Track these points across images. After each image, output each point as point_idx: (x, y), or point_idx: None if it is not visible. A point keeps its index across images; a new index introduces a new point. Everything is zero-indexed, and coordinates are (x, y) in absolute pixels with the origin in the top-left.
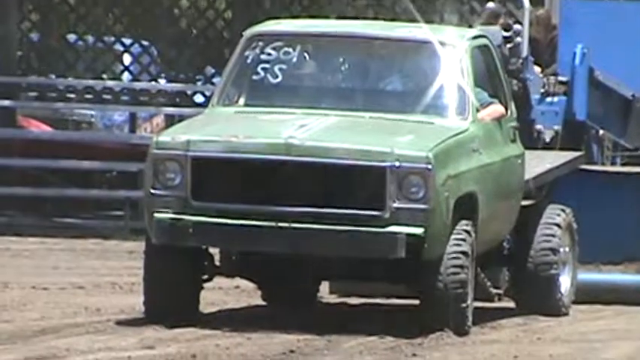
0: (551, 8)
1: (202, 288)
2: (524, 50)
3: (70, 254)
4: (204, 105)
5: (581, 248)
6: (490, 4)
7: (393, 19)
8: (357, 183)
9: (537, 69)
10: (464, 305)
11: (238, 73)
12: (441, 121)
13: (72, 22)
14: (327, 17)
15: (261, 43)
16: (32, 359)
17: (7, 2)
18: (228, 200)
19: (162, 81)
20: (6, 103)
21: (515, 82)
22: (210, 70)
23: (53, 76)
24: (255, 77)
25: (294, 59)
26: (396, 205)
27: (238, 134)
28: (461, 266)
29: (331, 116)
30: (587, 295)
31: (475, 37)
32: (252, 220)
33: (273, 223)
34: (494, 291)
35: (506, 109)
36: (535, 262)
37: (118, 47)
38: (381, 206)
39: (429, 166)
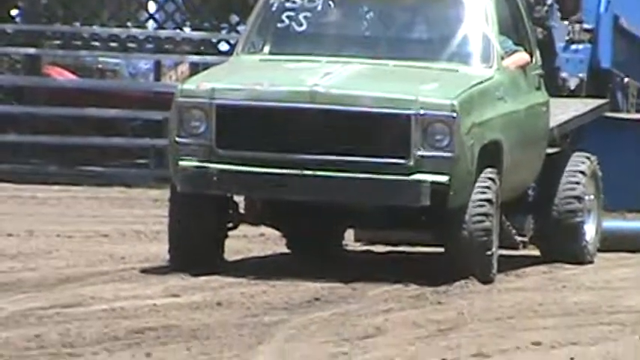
0: None
1: (227, 236)
2: None
3: (95, 202)
4: (228, 53)
5: (606, 196)
6: None
7: None
8: (382, 131)
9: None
10: (488, 253)
11: (263, 21)
12: (466, 68)
13: None
14: None
15: None
16: (57, 307)
17: None
18: (252, 148)
19: (187, 29)
20: (31, 51)
21: (539, 29)
22: (234, 18)
23: (78, 24)
24: (279, 25)
25: (319, 7)
26: (420, 152)
27: (263, 82)
28: (485, 214)
29: (355, 64)
30: (612, 243)
31: None
32: (277, 168)
33: (297, 171)
34: (519, 239)
35: (531, 57)
36: (560, 209)
37: None
38: (405, 154)
39: (454, 114)
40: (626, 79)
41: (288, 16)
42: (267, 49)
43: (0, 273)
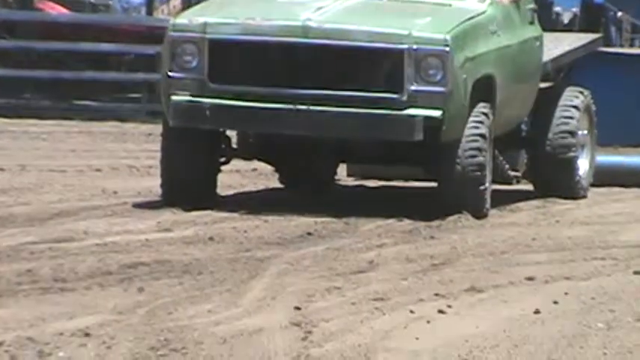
0: None
1: (219, 171)
2: None
3: (88, 137)
4: None
5: (600, 131)
6: None
7: None
8: (375, 66)
9: None
10: (482, 188)
11: None
12: (459, 3)
13: None
14: None
15: None
16: (50, 241)
17: None
18: (245, 83)
19: None
20: None
21: None
22: None
23: None
24: None
25: None
26: (413, 87)
27: (255, 16)
28: (479, 149)
29: None
30: (606, 177)
31: None
32: (270, 102)
33: (290, 106)
34: (513, 174)
35: None
36: (553, 144)
37: None
38: (398, 89)
39: (447, 49)
40: (619, 13)
41: None
42: None
43: None
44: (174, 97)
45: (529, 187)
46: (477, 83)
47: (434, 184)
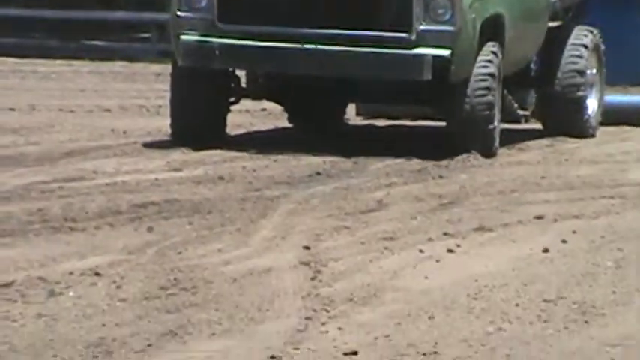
0: None
1: (229, 110)
2: None
3: (97, 76)
4: None
5: (608, 70)
6: None
7: None
8: (384, 5)
9: None
10: (491, 127)
11: None
12: None
13: None
14: None
15: None
16: (60, 181)
17: None
18: (254, 22)
19: None
20: None
21: None
22: None
23: None
24: None
25: None
26: (422, 27)
27: None
28: (488, 88)
29: None
30: (614, 116)
31: None
32: (278, 42)
33: (299, 45)
34: (522, 113)
35: None
36: (562, 83)
37: None
38: (407, 28)
39: None
40: None
41: None
42: None
43: (2, 147)
44: (183, 37)
45: (538, 126)
46: (486, 22)
47: (443, 124)
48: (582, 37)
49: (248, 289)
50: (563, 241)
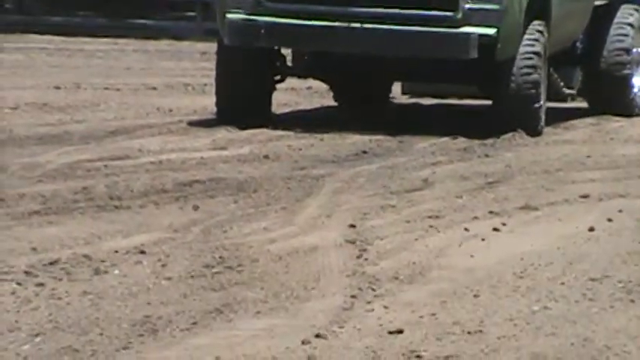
0: None
1: (274, 89)
2: None
3: (143, 55)
4: None
5: None
6: None
7: None
8: None
9: None
10: (537, 105)
11: None
12: None
13: None
14: None
15: None
16: (105, 160)
17: None
18: (300, 1)
19: None
20: None
21: None
22: None
23: None
24: None
25: None
26: (468, 5)
27: None
28: (534, 66)
29: None
30: None
31: None
32: (324, 20)
33: (345, 24)
34: (567, 91)
35: None
36: (608, 61)
37: None
38: (454, 7)
39: None
40: None
41: None
42: None
43: (48, 125)
44: (229, 16)
45: (584, 104)
46: (532, 0)
47: (488, 102)
48: (628, 15)
49: (293, 267)
50: (609, 220)
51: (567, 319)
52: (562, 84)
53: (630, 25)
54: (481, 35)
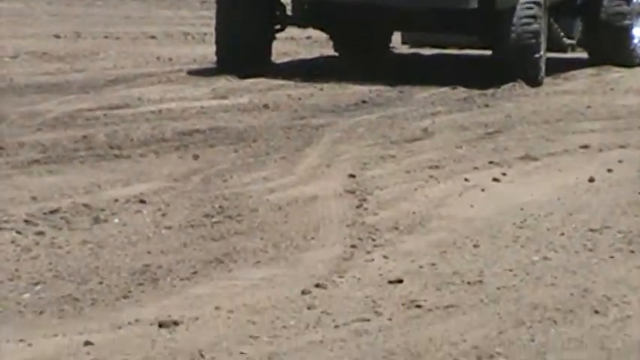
0: None
1: (274, 38)
2: None
3: (142, 3)
4: None
5: None
6: None
7: None
8: None
9: None
10: (537, 56)
11: None
12: None
13: None
14: None
15: None
16: (105, 108)
17: None
18: None
19: None
20: None
21: None
22: None
23: None
24: None
25: None
26: None
27: None
28: (534, 16)
29: None
30: None
31: None
32: None
33: None
34: (568, 41)
35: None
36: (608, 11)
37: None
38: None
39: None
40: None
41: None
42: None
43: (48, 74)
44: None
45: (584, 55)
46: None
47: (489, 52)
48: None
49: (293, 217)
50: (609, 171)
51: (567, 270)
52: (562, 34)
53: None
54: None
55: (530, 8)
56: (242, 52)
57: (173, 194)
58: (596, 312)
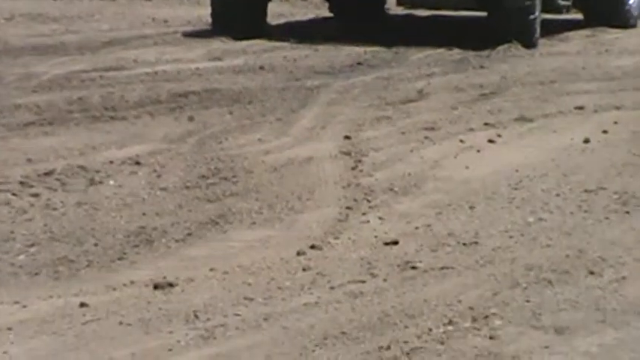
0: None
1: None
2: None
3: None
4: None
5: None
6: None
7: None
8: None
9: None
10: (532, 17)
11: None
12: None
13: None
14: None
15: None
16: (100, 70)
17: None
18: None
19: None
20: None
21: None
22: None
23: None
24: None
25: None
26: None
27: None
28: None
29: None
30: None
31: None
32: None
33: None
34: (563, 3)
35: None
36: None
37: None
38: None
39: None
40: None
41: None
42: None
43: (43, 36)
44: None
45: (579, 16)
46: None
47: (484, 14)
48: None
49: (288, 178)
50: (604, 132)
51: (562, 231)
52: None
53: None
54: None
55: None
56: (237, 13)
57: (168, 156)
58: (592, 273)
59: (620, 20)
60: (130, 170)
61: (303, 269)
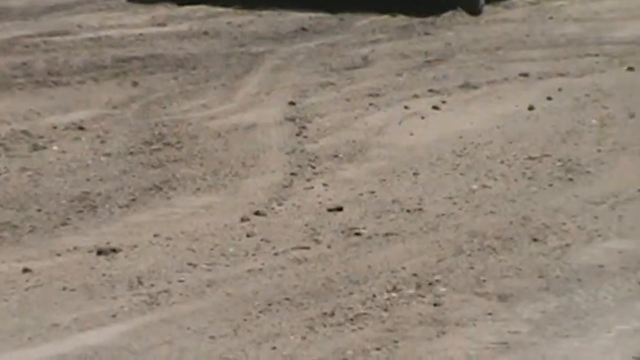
0: None
1: None
2: None
3: None
4: None
5: None
6: None
7: None
8: None
9: None
10: None
11: None
12: None
13: None
14: None
15: None
16: (44, 35)
17: None
18: None
19: None
20: None
21: None
22: None
23: None
24: None
25: None
26: None
27: None
28: None
29: None
30: None
31: None
32: None
33: None
34: None
35: None
36: None
37: None
38: None
39: None
40: None
41: None
42: None
43: None
44: None
45: None
46: None
47: None
48: None
49: (233, 144)
50: (549, 99)
51: (506, 198)
52: None
53: None
54: None
55: None
56: None
57: (112, 121)
58: (535, 240)
59: None
60: (73, 136)
61: (247, 235)
